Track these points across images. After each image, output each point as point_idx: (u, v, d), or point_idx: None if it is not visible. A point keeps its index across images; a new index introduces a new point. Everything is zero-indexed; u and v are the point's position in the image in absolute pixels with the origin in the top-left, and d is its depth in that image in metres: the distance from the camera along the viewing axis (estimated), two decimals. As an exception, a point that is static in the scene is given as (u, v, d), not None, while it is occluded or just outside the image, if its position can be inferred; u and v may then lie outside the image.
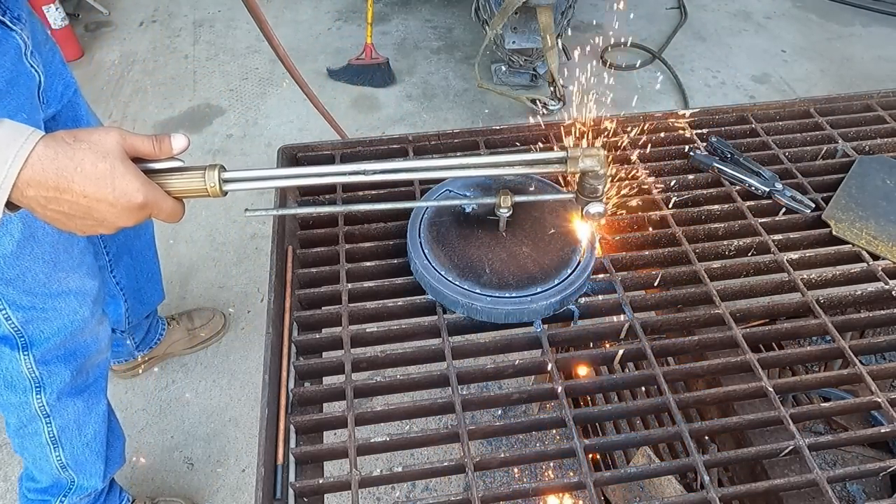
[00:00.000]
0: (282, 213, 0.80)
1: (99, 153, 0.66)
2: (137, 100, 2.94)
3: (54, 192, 0.65)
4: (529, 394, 0.84)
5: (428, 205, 0.87)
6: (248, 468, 1.73)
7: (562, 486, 0.76)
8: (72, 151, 0.65)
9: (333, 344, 0.89)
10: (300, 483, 0.76)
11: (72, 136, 0.66)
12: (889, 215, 1.02)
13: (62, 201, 0.66)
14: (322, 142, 1.17)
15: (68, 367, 1.22)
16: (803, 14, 3.54)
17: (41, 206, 0.67)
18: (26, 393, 1.20)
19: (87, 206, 0.67)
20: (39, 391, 1.21)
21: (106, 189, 0.66)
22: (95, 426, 1.33)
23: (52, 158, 0.64)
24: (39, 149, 0.64)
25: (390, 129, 2.79)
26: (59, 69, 1.21)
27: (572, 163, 0.76)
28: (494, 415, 1.73)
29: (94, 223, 0.70)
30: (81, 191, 0.65)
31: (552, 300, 0.86)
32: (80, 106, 1.30)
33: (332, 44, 3.29)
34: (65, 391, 1.24)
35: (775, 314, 0.96)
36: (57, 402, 1.23)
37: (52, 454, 1.28)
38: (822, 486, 0.73)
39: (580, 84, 2.98)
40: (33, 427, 1.25)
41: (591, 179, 0.78)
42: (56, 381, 1.21)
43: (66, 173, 0.65)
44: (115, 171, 0.66)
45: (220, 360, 1.97)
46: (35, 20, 1.12)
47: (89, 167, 0.65)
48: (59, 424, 1.26)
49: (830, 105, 1.26)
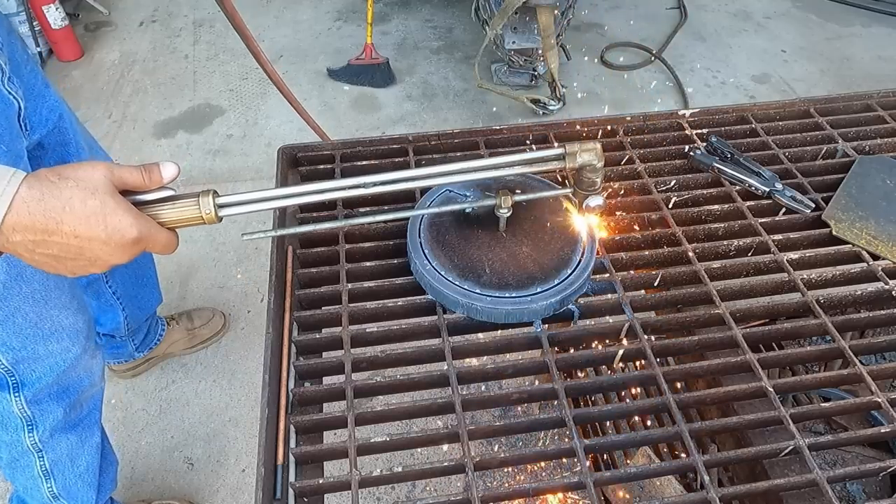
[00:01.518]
0: (281, 233, 0.79)
1: (87, 190, 0.62)
2: (137, 100, 2.94)
3: (42, 234, 0.62)
4: (529, 394, 0.84)
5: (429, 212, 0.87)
6: (248, 468, 1.73)
7: (562, 486, 0.76)
8: (58, 190, 0.61)
9: (333, 344, 0.89)
10: (300, 483, 0.76)
11: (56, 174, 0.62)
12: (889, 215, 1.02)
13: (51, 244, 0.63)
14: (322, 142, 1.17)
15: (61, 404, 1.18)
16: (803, 14, 3.54)
17: (29, 250, 0.63)
18: (18, 431, 1.16)
19: (78, 246, 0.64)
20: (32, 429, 1.16)
21: (98, 227, 0.63)
22: (88, 458, 1.29)
23: (38, 200, 0.60)
24: (23, 191, 0.60)
25: (390, 129, 2.79)
26: (41, 91, 1.16)
27: (570, 158, 0.77)
28: (494, 415, 1.73)
29: (87, 263, 0.66)
30: (72, 231, 0.62)
31: (552, 300, 0.86)
32: (67, 130, 1.25)
33: (332, 44, 3.29)
34: (58, 428, 1.20)
35: (775, 314, 0.96)
36: (50, 439, 1.19)
37: (43, 485, 1.25)
38: (822, 486, 0.73)
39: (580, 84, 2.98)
40: (25, 461, 1.21)
41: (589, 173, 0.79)
42: (49, 419, 1.17)
43: (55, 214, 0.61)
44: (105, 207, 0.63)
45: (220, 360, 1.97)
46: (15, 40, 1.08)
47: (78, 205, 0.62)
48: (51, 458, 1.22)
49: (830, 105, 1.26)
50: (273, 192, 0.73)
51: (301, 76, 3.08)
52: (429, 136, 1.17)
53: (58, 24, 2.98)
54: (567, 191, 0.84)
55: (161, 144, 2.72)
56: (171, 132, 2.78)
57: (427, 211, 0.87)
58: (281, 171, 1.13)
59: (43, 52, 3.09)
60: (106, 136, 2.74)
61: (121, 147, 2.70)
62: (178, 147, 2.71)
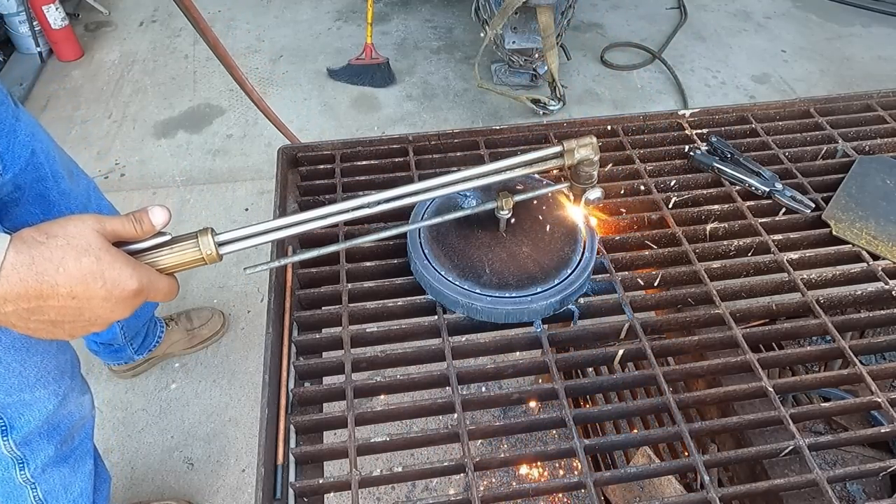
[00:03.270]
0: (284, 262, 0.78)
1: (80, 247, 0.59)
2: (137, 100, 2.94)
3: (37, 300, 0.58)
4: (529, 394, 0.84)
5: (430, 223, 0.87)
6: (248, 468, 1.73)
7: (562, 486, 0.76)
8: (48, 251, 0.57)
9: (333, 344, 0.89)
10: (300, 483, 0.76)
11: (43, 234, 0.58)
12: (889, 215, 1.02)
13: (48, 309, 0.59)
14: (322, 142, 1.17)
15: (52, 441, 1.16)
16: (803, 14, 3.54)
17: (23, 319, 0.59)
18: (9, 469, 1.14)
19: (76, 307, 0.60)
20: (23, 467, 1.14)
21: (96, 284, 0.59)
22: (82, 484, 1.28)
23: (29, 264, 0.56)
24: (11, 257, 0.56)
25: (390, 129, 2.79)
26: (11, 127, 1.11)
27: (569, 155, 0.78)
28: (494, 415, 1.73)
29: (86, 324, 0.63)
30: (68, 292, 0.58)
31: (552, 300, 0.86)
32: (42, 164, 1.20)
33: (332, 44, 3.29)
34: (49, 463, 1.18)
35: (775, 314, 0.96)
36: (42, 474, 1.17)
37: None
38: (822, 486, 0.73)
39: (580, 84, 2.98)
40: (18, 493, 1.19)
41: (587, 167, 0.80)
42: (40, 457, 1.15)
43: (48, 277, 0.57)
44: (101, 262, 0.59)
45: (220, 360, 1.97)
46: None
47: (73, 264, 0.58)
48: (44, 490, 1.20)
49: (830, 105, 1.26)
50: (272, 223, 0.71)
51: (301, 76, 3.08)
52: (429, 136, 1.17)
53: (58, 24, 2.98)
54: (564, 185, 0.86)
55: (161, 144, 2.72)
56: (171, 132, 2.78)
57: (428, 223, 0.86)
58: (281, 171, 1.13)
59: (43, 52, 3.09)
60: (106, 136, 2.75)
61: (121, 147, 2.70)
62: (178, 147, 2.71)
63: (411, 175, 1.11)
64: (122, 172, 2.59)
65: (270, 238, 0.71)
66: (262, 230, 0.70)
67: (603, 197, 0.84)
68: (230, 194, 2.49)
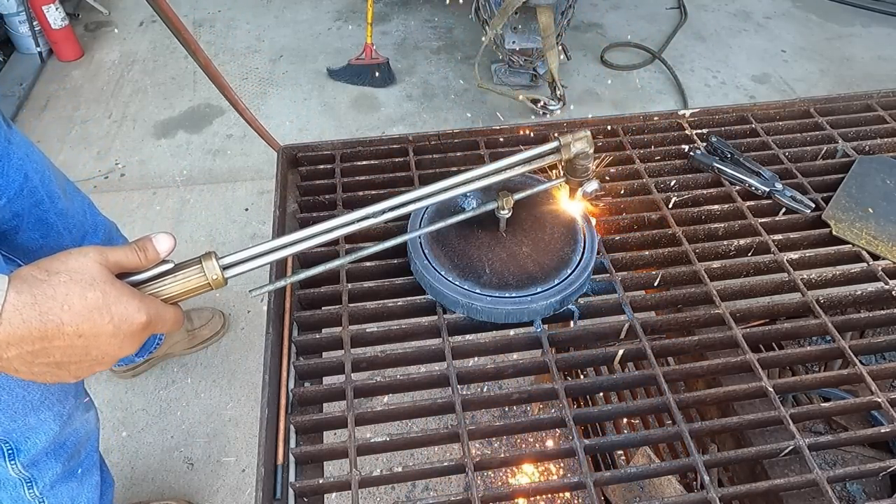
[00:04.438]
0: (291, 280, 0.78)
1: (83, 282, 0.56)
2: (137, 100, 2.94)
3: (41, 342, 0.55)
4: (529, 394, 0.84)
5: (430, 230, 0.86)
6: (248, 468, 1.73)
7: (562, 486, 0.76)
8: (51, 289, 0.54)
9: (333, 344, 0.89)
10: (300, 483, 0.76)
11: (44, 271, 0.55)
12: (889, 215, 1.02)
13: (52, 350, 0.56)
14: (322, 142, 1.17)
15: (59, 459, 1.15)
16: (803, 14, 3.54)
17: (27, 363, 0.56)
18: (17, 489, 1.13)
19: (83, 346, 0.57)
20: (31, 486, 1.13)
21: (103, 320, 0.57)
22: (89, 494, 1.28)
23: (31, 304, 0.53)
24: (12, 297, 0.53)
25: (390, 129, 2.79)
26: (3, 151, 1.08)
27: (565, 149, 0.79)
28: (494, 415, 1.73)
29: (93, 362, 0.60)
30: (74, 331, 0.55)
31: (552, 300, 0.86)
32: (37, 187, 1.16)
33: (332, 44, 3.29)
34: (58, 480, 1.17)
35: (775, 314, 0.96)
36: (50, 490, 1.17)
37: None
38: (822, 486, 0.73)
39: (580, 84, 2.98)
40: None
41: (582, 160, 0.81)
42: (48, 475, 1.15)
43: (52, 316, 0.54)
44: (107, 297, 0.57)
45: (220, 360, 1.97)
46: None
47: (77, 301, 0.55)
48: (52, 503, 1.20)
49: (830, 105, 1.26)
50: (276, 242, 0.69)
51: (301, 76, 3.08)
52: (429, 136, 1.17)
53: (58, 24, 2.98)
54: (560, 180, 0.86)
55: (161, 144, 2.72)
56: (171, 132, 2.78)
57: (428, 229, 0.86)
58: (281, 171, 1.13)
59: (43, 52, 3.09)
60: (106, 136, 2.75)
61: (121, 147, 2.70)
62: (178, 147, 2.71)
63: (411, 175, 1.11)
64: (122, 172, 2.59)
65: (275, 258, 0.69)
66: (266, 250, 0.69)
67: (600, 188, 0.85)
68: (230, 194, 2.49)
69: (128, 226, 2.35)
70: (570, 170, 0.83)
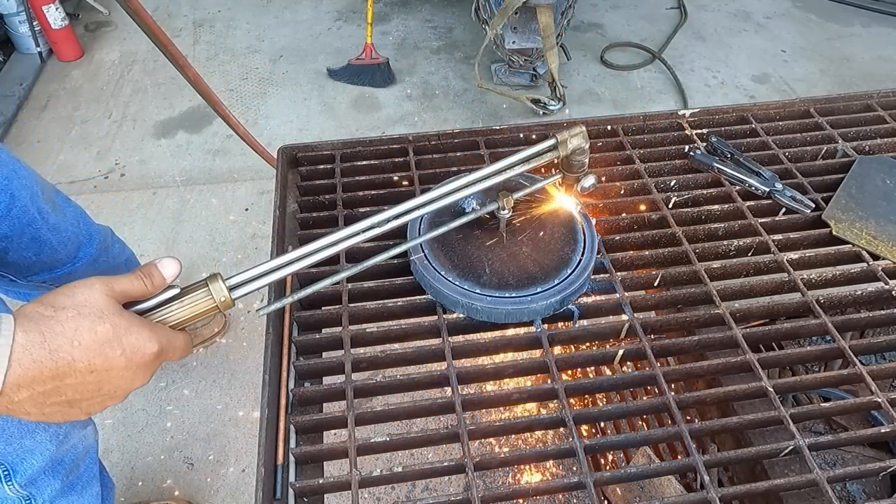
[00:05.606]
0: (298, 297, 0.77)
1: (92, 315, 0.54)
2: (137, 100, 2.94)
3: (53, 381, 0.53)
4: (529, 394, 0.84)
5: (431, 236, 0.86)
6: (248, 468, 1.73)
7: (562, 486, 0.76)
8: (59, 325, 0.53)
9: (333, 344, 0.89)
10: (300, 483, 0.76)
11: (49, 307, 0.53)
12: (889, 215, 1.02)
13: (64, 388, 0.54)
14: (322, 142, 1.17)
15: (57, 476, 1.12)
16: (803, 14, 3.54)
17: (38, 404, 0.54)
18: None
19: (95, 381, 0.55)
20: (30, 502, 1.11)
21: (114, 353, 0.55)
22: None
23: (40, 343, 0.51)
24: (20, 338, 0.51)
25: (390, 129, 2.79)
26: None
27: (562, 146, 0.80)
28: (494, 415, 1.73)
29: (105, 398, 0.58)
30: (86, 367, 0.54)
31: (552, 300, 0.86)
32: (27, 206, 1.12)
33: (332, 44, 3.29)
34: (57, 495, 1.14)
35: (775, 314, 0.96)
36: None
37: None
38: (822, 486, 0.73)
39: (580, 84, 2.98)
40: None
41: (578, 156, 0.82)
42: (46, 492, 1.12)
43: (63, 353, 0.52)
44: (117, 329, 0.55)
45: (220, 360, 1.97)
46: None
47: (87, 336, 0.53)
48: None
49: (830, 105, 1.26)
50: (282, 259, 0.69)
51: (301, 76, 3.08)
52: (429, 136, 1.17)
53: (58, 24, 2.98)
54: (557, 177, 0.87)
55: (161, 144, 2.72)
56: (171, 132, 2.78)
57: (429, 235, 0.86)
58: (281, 170, 1.13)
59: (43, 52, 3.09)
60: (106, 136, 2.74)
61: (121, 147, 2.70)
62: (178, 147, 2.71)
63: (411, 175, 1.11)
64: (122, 172, 2.59)
65: (280, 275, 0.68)
66: (272, 268, 0.68)
67: (597, 182, 0.86)
68: (230, 194, 2.49)
69: (128, 226, 2.35)
70: (567, 166, 0.84)
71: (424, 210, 0.77)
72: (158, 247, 2.29)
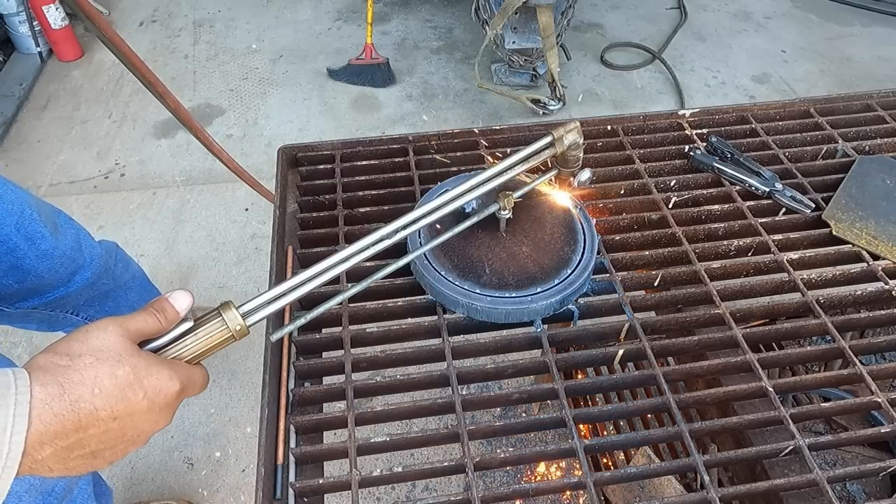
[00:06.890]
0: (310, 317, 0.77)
1: (110, 360, 0.52)
2: (137, 100, 2.94)
3: (76, 434, 0.50)
4: (529, 394, 0.84)
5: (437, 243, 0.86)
6: (248, 468, 1.73)
7: (562, 486, 0.76)
8: (77, 374, 0.50)
9: (333, 344, 0.89)
10: (300, 483, 0.76)
11: (64, 356, 0.51)
12: (889, 215, 1.02)
13: (88, 440, 0.52)
14: (322, 142, 1.17)
15: None
16: (803, 14, 3.54)
17: (61, 460, 0.51)
18: None
19: (119, 428, 0.53)
20: None
21: (137, 397, 0.53)
22: None
23: (60, 395, 0.49)
24: (38, 392, 0.48)
25: (390, 129, 2.79)
26: None
27: (559, 143, 0.81)
28: (494, 415, 1.73)
29: (128, 443, 0.56)
30: (109, 414, 0.52)
31: (552, 300, 0.86)
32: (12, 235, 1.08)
33: (332, 44, 3.29)
34: None
35: (775, 314, 0.96)
36: None
37: None
38: (822, 486, 0.73)
39: (580, 84, 2.98)
40: None
41: (574, 151, 0.83)
42: None
43: (84, 404, 0.50)
44: (137, 371, 0.53)
45: (220, 360, 1.97)
46: None
47: (108, 382, 0.51)
48: None
49: (830, 105, 1.26)
50: (292, 281, 0.67)
51: (301, 76, 3.08)
52: (429, 136, 1.17)
53: (58, 24, 2.98)
54: (552, 173, 0.88)
55: (161, 144, 2.72)
56: (171, 132, 2.78)
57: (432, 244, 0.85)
58: (281, 171, 1.13)
59: (43, 52, 3.09)
60: (106, 136, 2.75)
61: (121, 147, 2.70)
62: (178, 147, 2.71)
63: (411, 175, 1.11)
64: (122, 172, 2.59)
65: (293, 297, 0.67)
66: (284, 290, 0.67)
67: (594, 177, 0.87)
68: (230, 194, 2.49)
69: (127, 226, 2.35)
70: (563, 161, 0.85)
71: (432, 217, 0.78)
72: (158, 247, 2.29)
